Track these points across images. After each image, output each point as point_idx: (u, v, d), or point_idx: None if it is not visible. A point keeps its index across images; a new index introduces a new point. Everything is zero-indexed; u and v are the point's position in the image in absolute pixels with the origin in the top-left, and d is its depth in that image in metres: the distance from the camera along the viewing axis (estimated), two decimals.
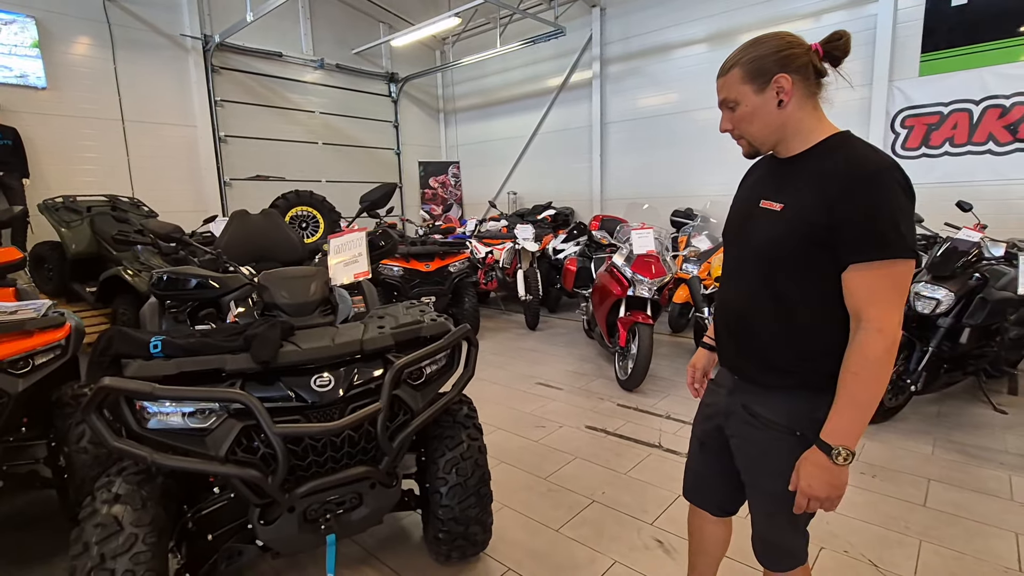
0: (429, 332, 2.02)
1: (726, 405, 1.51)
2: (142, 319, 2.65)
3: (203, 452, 1.60)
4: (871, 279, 1.17)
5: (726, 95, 1.34)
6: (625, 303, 4.32)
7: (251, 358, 1.69)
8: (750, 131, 1.33)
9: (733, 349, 1.46)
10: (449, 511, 2.04)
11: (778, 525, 1.43)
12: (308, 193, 6.30)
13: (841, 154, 1.23)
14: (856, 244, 1.17)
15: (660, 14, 8.11)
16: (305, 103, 9.39)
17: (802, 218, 1.23)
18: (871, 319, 1.17)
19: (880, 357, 1.16)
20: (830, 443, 1.20)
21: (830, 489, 1.22)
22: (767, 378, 1.37)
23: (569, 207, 9.46)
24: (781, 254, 1.28)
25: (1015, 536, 2.35)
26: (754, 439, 1.41)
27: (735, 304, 1.45)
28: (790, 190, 1.29)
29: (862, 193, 1.15)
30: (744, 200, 1.46)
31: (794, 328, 1.30)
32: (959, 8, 5.82)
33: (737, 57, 1.31)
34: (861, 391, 1.19)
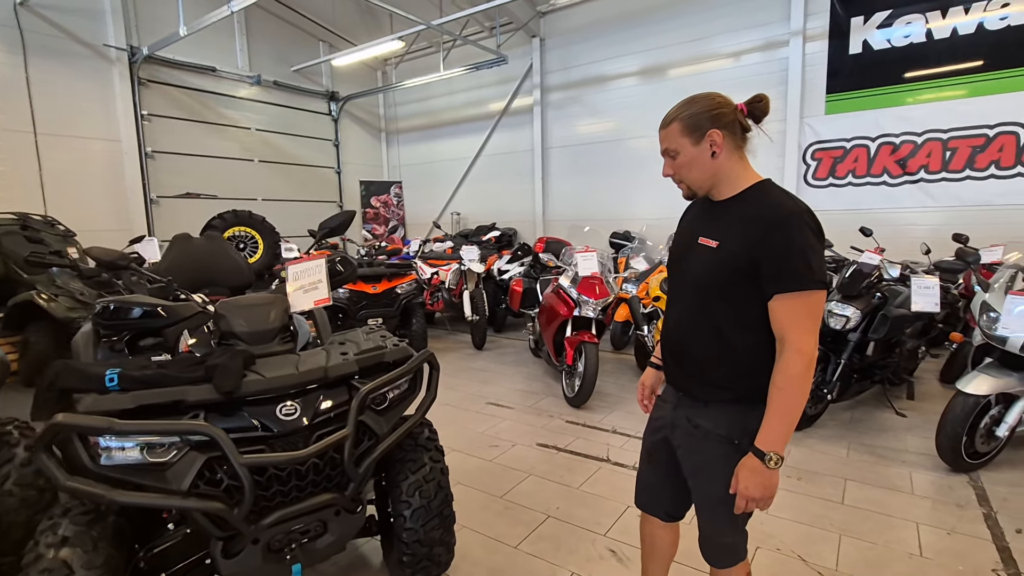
0: (392, 357, 2.07)
1: (672, 418, 1.67)
2: (75, 349, 2.50)
3: (164, 487, 1.56)
4: (789, 307, 1.36)
5: (667, 145, 1.52)
6: (571, 323, 4.50)
7: (214, 389, 1.67)
8: (689, 177, 1.53)
9: (677, 368, 1.64)
10: (414, 534, 2.06)
11: (720, 525, 1.59)
12: (247, 213, 6.11)
13: (763, 200, 1.44)
14: (776, 277, 1.36)
15: (596, 47, 8.57)
16: (241, 119, 9.10)
17: (733, 254, 1.43)
18: (791, 342, 1.36)
19: (800, 373, 1.35)
20: (763, 449, 1.38)
21: (764, 490, 1.39)
22: (707, 393, 1.54)
23: (512, 228, 9.67)
24: (715, 284, 1.47)
25: (916, 526, 2.66)
26: (697, 448, 1.57)
27: (677, 328, 1.63)
28: (723, 229, 1.48)
29: (779, 234, 1.36)
30: (684, 235, 1.66)
31: (727, 349, 1.48)
32: (855, 56, 6.58)
33: (676, 113, 1.50)
34: (786, 404, 1.38)
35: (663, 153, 1.55)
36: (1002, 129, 5.86)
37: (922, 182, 6.33)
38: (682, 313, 1.60)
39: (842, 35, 6.62)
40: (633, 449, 3.59)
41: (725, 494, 1.48)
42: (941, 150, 6.19)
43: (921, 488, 3.02)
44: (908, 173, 6.39)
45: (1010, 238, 5.42)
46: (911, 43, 6.25)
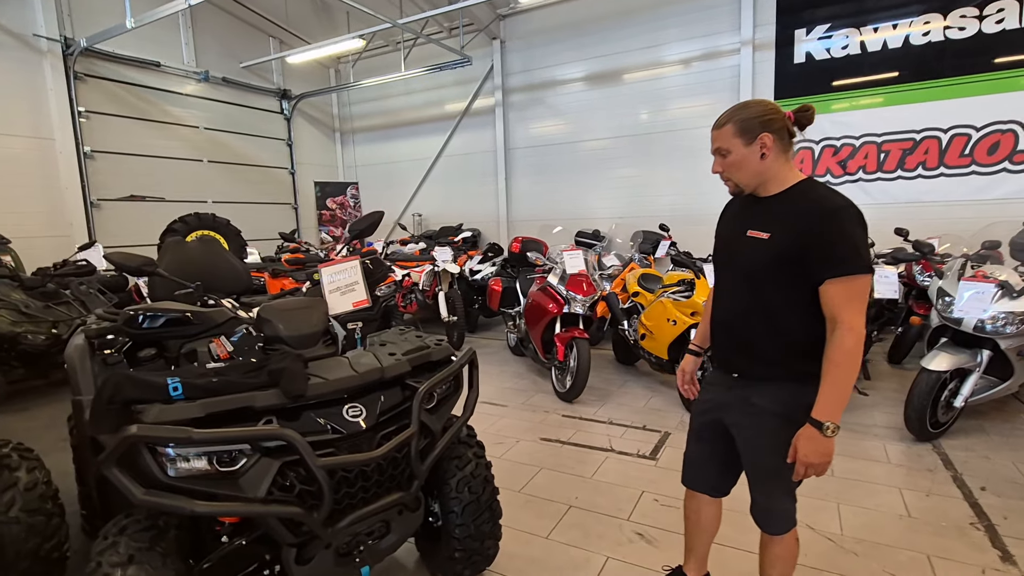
0: (438, 356, 2.09)
1: (725, 400, 1.81)
2: (69, 365, 2.35)
3: (239, 495, 1.52)
4: (840, 290, 1.51)
5: (720, 144, 1.66)
6: (560, 320, 4.61)
7: (282, 393, 1.64)
8: (737, 175, 1.67)
9: (731, 351, 1.79)
10: (466, 529, 2.09)
11: (777, 493, 1.74)
12: (210, 216, 5.76)
13: (812, 195, 1.59)
14: (827, 263, 1.51)
15: (556, 51, 8.76)
16: (188, 117, 8.62)
17: (784, 244, 1.58)
18: (843, 321, 1.50)
19: (852, 349, 1.50)
20: (821, 420, 1.51)
21: (822, 456, 1.53)
22: (762, 371, 1.69)
23: (476, 229, 9.70)
24: (768, 271, 1.62)
25: (899, 490, 2.95)
26: (754, 425, 1.71)
27: (731, 314, 1.77)
28: (773, 222, 1.62)
29: (830, 225, 1.51)
30: (729, 230, 1.81)
31: (780, 330, 1.64)
32: (799, 64, 7.11)
33: (730, 116, 1.65)
34: (841, 377, 1.52)
35: (714, 152, 1.69)
36: (927, 134, 6.52)
37: (861, 181, 6.93)
38: (734, 300, 1.75)
39: (787, 45, 7.12)
40: (633, 438, 3.75)
41: (782, 465, 1.63)
42: (876, 152, 6.79)
43: (895, 457, 3.35)
44: (848, 173, 6.98)
45: (937, 231, 6.03)
46: (847, 54, 6.83)
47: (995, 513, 2.71)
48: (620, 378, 5.16)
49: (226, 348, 2.03)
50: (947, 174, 6.46)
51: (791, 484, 1.71)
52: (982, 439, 3.54)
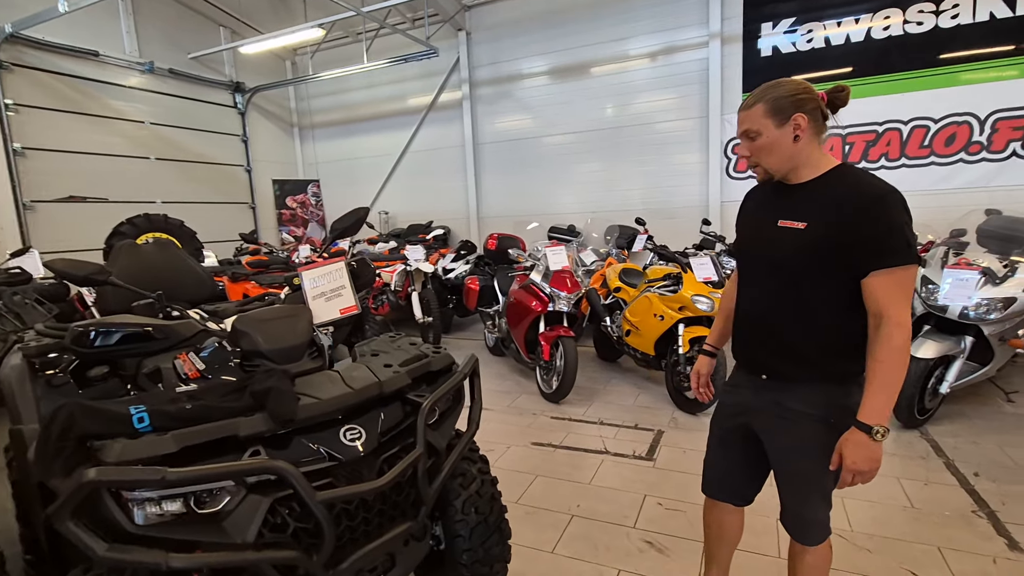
0: (438, 366, 1.90)
1: (753, 404, 1.68)
2: (6, 389, 2.05)
3: (224, 540, 1.30)
4: (889, 282, 1.39)
5: (749, 126, 1.53)
6: (545, 318, 4.47)
7: (269, 418, 1.42)
8: (767, 160, 1.54)
9: (761, 350, 1.65)
10: (474, 554, 1.91)
11: (813, 502, 1.63)
12: (162, 217, 5.33)
13: (851, 181, 1.46)
14: (875, 254, 1.39)
15: (524, 43, 8.59)
16: (132, 111, 8.02)
17: (825, 234, 1.45)
18: (891, 316, 1.39)
19: (902, 346, 1.39)
20: (869, 423, 1.39)
21: (871, 463, 1.41)
22: (797, 371, 1.56)
23: (445, 226, 9.45)
24: (805, 264, 1.49)
25: (898, 480, 2.94)
26: (789, 430, 1.59)
27: (761, 310, 1.63)
28: (809, 210, 1.49)
29: (876, 213, 1.39)
30: (756, 220, 1.68)
31: (817, 327, 1.52)
32: (767, 58, 7.18)
33: (760, 95, 1.52)
34: (890, 376, 1.40)
35: (741, 135, 1.56)
36: (889, 126, 6.69)
37: None
38: (765, 296, 1.61)
39: (754, 38, 7.18)
40: (627, 438, 3.64)
41: (820, 472, 1.53)
42: (841, 145, 6.93)
43: (887, 446, 3.30)
44: None
45: None
46: (812, 48, 6.93)
47: (993, 499, 2.72)
48: (604, 376, 5.06)
49: (196, 366, 1.78)
50: (908, 165, 6.65)
51: (829, 491, 1.61)
52: (966, 424, 3.60)
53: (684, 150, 7.82)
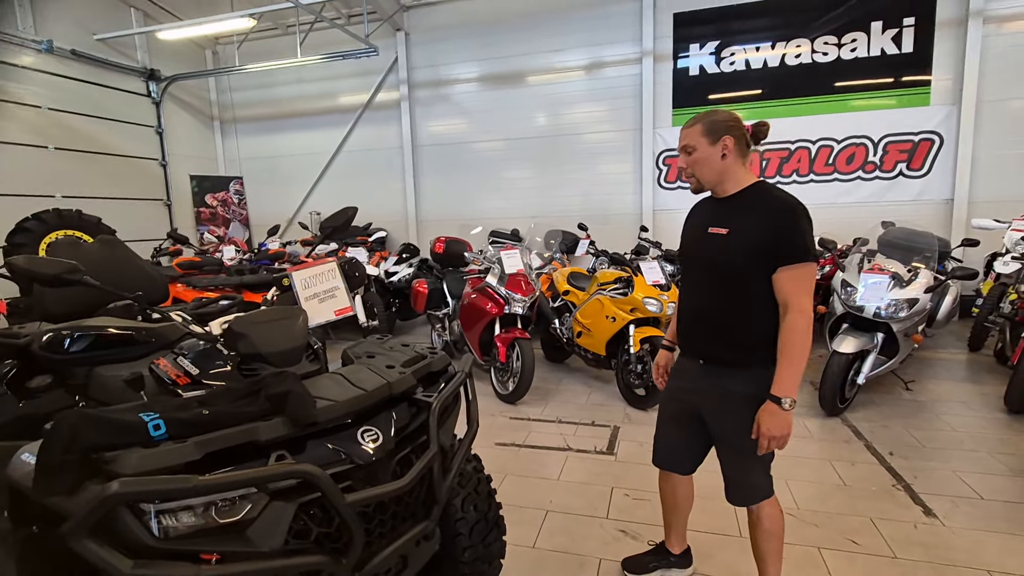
0: (438, 366, 1.91)
1: (698, 387, 1.92)
2: None
3: (253, 550, 1.24)
4: (793, 277, 1.68)
5: (688, 142, 1.82)
6: (500, 321, 4.53)
7: (290, 421, 1.37)
8: (700, 171, 1.82)
9: (703, 340, 1.90)
10: (475, 551, 1.93)
11: (753, 470, 1.87)
12: (75, 213, 4.82)
13: (766, 195, 1.76)
14: (783, 254, 1.68)
15: (463, 48, 8.63)
16: (26, 95, 7.16)
17: (742, 238, 1.74)
18: (794, 305, 1.67)
19: (804, 330, 1.67)
20: (779, 396, 1.67)
21: (782, 429, 1.68)
22: (731, 357, 1.82)
23: (383, 228, 9.24)
24: (728, 263, 1.77)
25: (830, 463, 3.29)
26: (730, 409, 1.83)
27: (701, 305, 1.90)
28: (731, 219, 1.78)
29: (783, 221, 1.69)
30: (694, 230, 1.95)
31: (744, 316, 1.79)
32: (694, 77, 7.72)
33: (700, 118, 1.82)
34: (795, 355, 1.68)
35: (681, 149, 1.85)
36: (800, 144, 7.42)
37: None
38: (703, 293, 1.89)
39: (683, 57, 7.70)
40: (586, 435, 3.78)
41: (754, 447, 1.76)
42: (759, 160, 7.59)
43: (816, 432, 3.73)
44: None
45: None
46: (735, 70, 7.55)
47: (907, 473, 3.12)
48: (555, 376, 5.20)
49: (185, 371, 1.68)
50: (816, 180, 7.41)
51: (767, 462, 1.87)
52: (875, 410, 4.08)
53: (618, 160, 8.21)
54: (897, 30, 6.85)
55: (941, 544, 2.47)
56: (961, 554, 2.40)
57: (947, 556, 2.39)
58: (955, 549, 2.44)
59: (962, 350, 5.62)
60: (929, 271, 3.97)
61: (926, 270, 3.96)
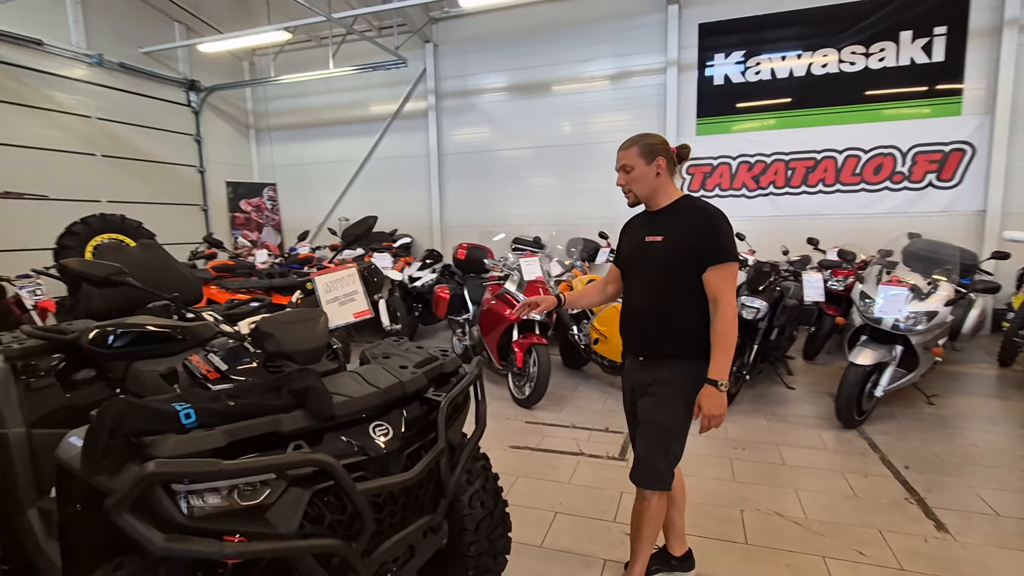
0: (450, 368, 2.02)
1: (637, 380, 2.12)
2: None
3: (272, 531, 1.37)
4: (720, 275, 1.92)
5: (626, 162, 2.03)
6: (518, 327, 4.63)
7: (310, 414, 1.50)
8: (636, 187, 2.04)
9: (642, 338, 2.10)
10: (480, 546, 2.03)
11: (660, 453, 2.03)
12: (118, 217, 5.11)
13: (692, 206, 2.01)
14: (711, 255, 1.91)
15: (490, 59, 8.81)
16: (77, 105, 7.61)
17: (676, 244, 1.97)
18: (723, 299, 1.91)
19: (733, 319, 1.91)
20: (716, 379, 1.90)
21: (719, 408, 1.91)
22: (668, 350, 2.03)
23: (408, 235, 9.45)
24: (667, 267, 1.99)
25: (842, 474, 3.28)
26: (656, 393, 2.04)
27: (643, 306, 2.09)
28: (665, 228, 2.01)
29: (709, 226, 1.93)
30: (632, 239, 2.17)
31: (680, 313, 2.00)
32: (719, 87, 7.71)
33: (636, 140, 2.04)
34: (727, 343, 1.91)
35: (620, 168, 2.06)
36: (826, 154, 7.34)
37: (771, 195, 7.64)
38: (643, 296, 2.09)
39: (708, 67, 7.70)
40: (599, 440, 3.84)
41: (666, 424, 2.01)
42: (784, 169, 7.53)
43: (831, 444, 3.71)
44: (761, 187, 7.67)
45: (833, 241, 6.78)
46: (760, 79, 7.52)
47: (921, 487, 3.09)
48: (571, 382, 5.26)
49: (215, 366, 1.82)
50: (842, 190, 7.31)
51: (672, 448, 2.04)
52: (894, 424, 4.03)
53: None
54: (928, 39, 6.73)
55: (950, 558, 2.46)
56: (970, 568, 2.39)
57: (955, 570, 2.38)
58: (964, 564, 2.42)
59: (992, 365, 5.48)
60: (950, 284, 3.92)
61: (946, 283, 3.90)
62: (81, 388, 2.18)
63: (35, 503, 1.99)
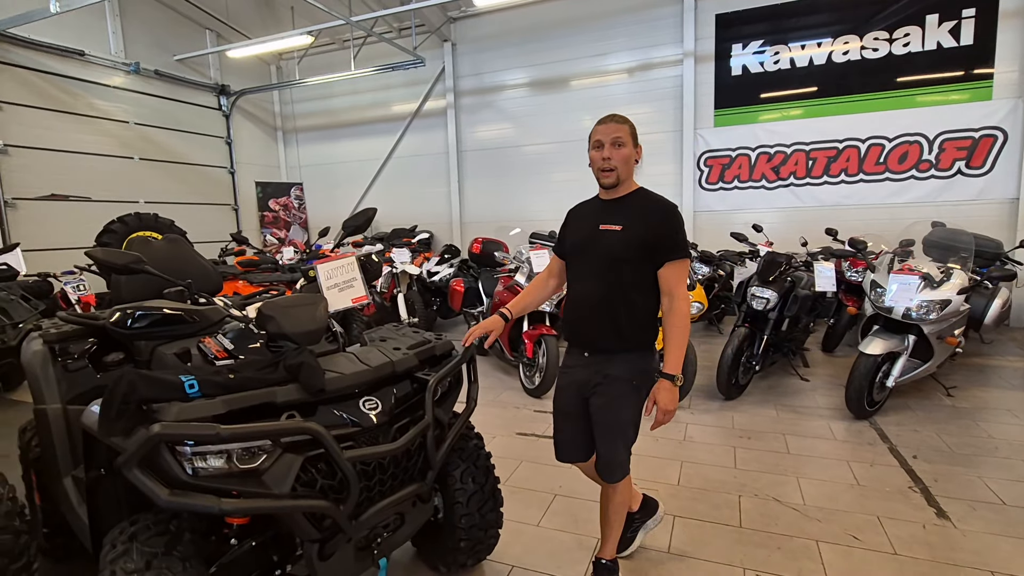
0: (441, 350, 2.13)
1: (581, 377, 2.07)
2: (30, 371, 2.21)
3: (264, 491, 1.50)
4: (675, 270, 1.93)
5: (622, 136, 1.96)
6: (528, 318, 4.72)
7: (302, 387, 1.63)
8: (621, 166, 1.96)
9: (594, 331, 2.03)
10: (471, 519, 2.14)
11: (619, 447, 2.04)
12: (152, 216, 5.43)
13: (651, 198, 2.02)
14: (668, 250, 1.92)
15: (507, 56, 8.90)
16: (116, 111, 8.04)
17: (637, 234, 1.93)
18: (677, 294, 1.93)
19: (686, 313, 1.94)
20: (672, 373, 1.90)
21: (673, 403, 1.92)
22: (618, 344, 1.99)
23: (428, 230, 9.65)
24: (625, 256, 1.95)
25: (847, 463, 3.27)
26: (608, 391, 2.01)
27: (594, 298, 2.01)
28: (625, 217, 1.98)
29: (669, 221, 1.94)
30: (583, 227, 2.10)
31: (633, 307, 1.97)
32: (737, 77, 7.62)
33: (626, 119, 2.01)
34: (683, 337, 1.93)
35: (614, 142, 1.96)
36: (848, 143, 7.17)
37: (792, 186, 7.52)
38: (594, 287, 2.01)
39: (725, 58, 7.62)
40: None
41: (625, 421, 2.01)
42: (805, 160, 7.40)
43: (839, 434, 3.69)
44: (781, 179, 7.55)
45: (856, 231, 6.64)
46: (779, 69, 7.40)
47: (927, 477, 3.06)
48: None
49: (224, 347, 1.98)
50: (865, 180, 7.15)
51: (630, 439, 2.05)
52: (908, 415, 3.97)
53: (659, 161, 8.20)
54: (955, 22, 6.51)
55: (947, 545, 2.45)
56: (967, 555, 2.38)
57: (951, 556, 2.37)
58: (961, 550, 2.41)
59: (1021, 357, 5.30)
60: (964, 272, 3.83)
61: (960, 271, 3.82)
62: (111, 369, 2.38)
63: (70, 472, 2.20)
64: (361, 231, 2.51)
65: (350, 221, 2.48)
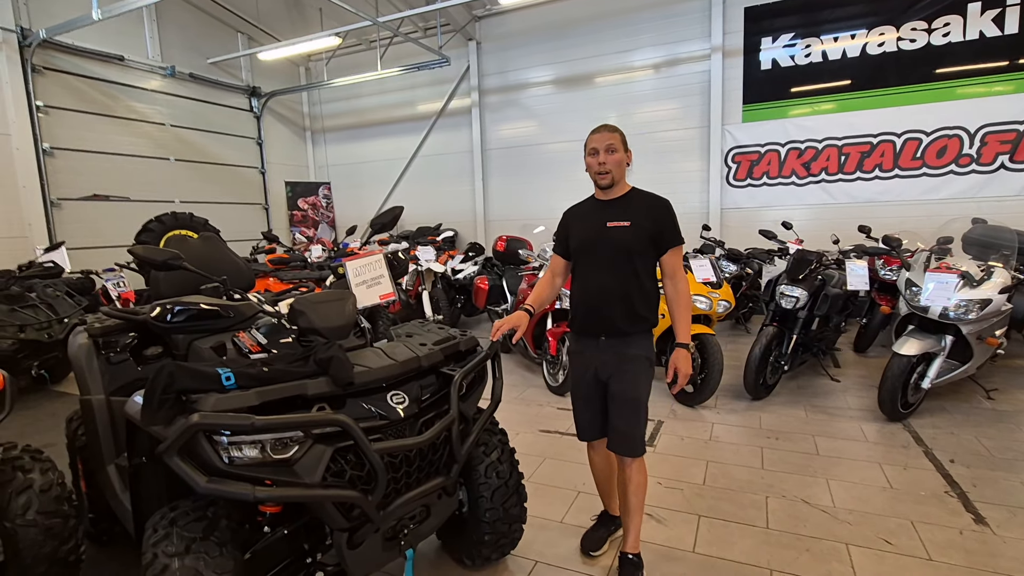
0: (465, 346, 2.16)
1: (598, 360, 2.24)
2: (76, 364, 2.32)
3: (296, 481, 1.55)
4: (675, 255, 2.20)
5: (614, 143, 2.18)
6: (552, 315, 4.72)
7: (332, 380, 1.68)
8: (615, 169, 2.19)
9: (609, 317, 2.20)
10: (495, 513, 2.16)
11: (639, 422, 2.20)
12: (187, 215, 5.56)
13: (647, 196, 2.26)
14: (669, 239, 2.18)
15: (532, 54, 8.89)
16: (153, 114, 8.32)
17: (644, 228, 2.16)
18: (680, 275, 2.20)
19: (688, 292, 2.22)
20: (684, 342, 2.15)
21: (689, 367, 2.16)
22: (633, 326, 2.20)
23: (453, 228, 9.72)
24: (637, 248, 2.17)
25: (879, 465, 3.19)
26: (626, 369, 2.20)
27: (606, 288, 2.20)
28: (630, 214, 2.18)
29: (668, 214, 2.20)
30: (589, 225, 2.27)
31: (644, 291, 2.20)
32: (766, 71, 7.46)
33: (616, 128, 2.22)
34: (687, 311, 2.20)
35: (607, 148, 2.18)
36: (883, 138, 6.96)
37: (823, 182, 7.33)
38: (605, 278, 2.19)
39: (754, 52, 7.47)
40: None
41: (645, 395, 2.20)
42: (837, 155, 7.21)
43: (872, 436, 3.60)
44: (812, 175, 7.38)
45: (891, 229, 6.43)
46: (810, 62, 7.22)
47: (965, 482, 2.97)
48: None
49: (257, 341, 2.04)
50: (901, 176, 6.92)
51: (646, 414, 2.22)
52: (946, 418, 3.85)
53: (686, 158, 8.10)
54: (999, 10, 6.25)
55: (986, 551, 2.38)
56: (1007, 562, 2.30)
57: (990, 563, 2.30)
58: (1001, 557, 2.33)
59: None
60: (1006, 270, 3.68)
61: (1003, 269, 3.67)
62: (150, 362, 2.47)
63: (113, 460, 2.30)
64: (388, 229, 2.55)
65: (377, 219, 2.52)
